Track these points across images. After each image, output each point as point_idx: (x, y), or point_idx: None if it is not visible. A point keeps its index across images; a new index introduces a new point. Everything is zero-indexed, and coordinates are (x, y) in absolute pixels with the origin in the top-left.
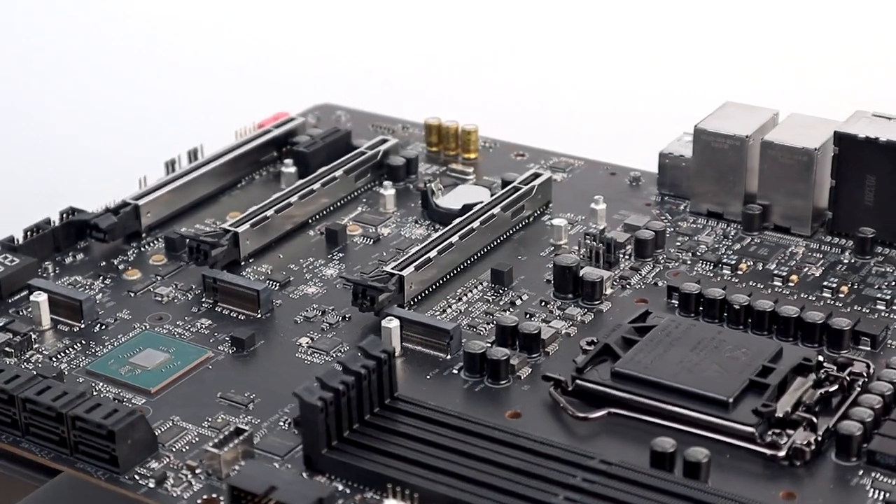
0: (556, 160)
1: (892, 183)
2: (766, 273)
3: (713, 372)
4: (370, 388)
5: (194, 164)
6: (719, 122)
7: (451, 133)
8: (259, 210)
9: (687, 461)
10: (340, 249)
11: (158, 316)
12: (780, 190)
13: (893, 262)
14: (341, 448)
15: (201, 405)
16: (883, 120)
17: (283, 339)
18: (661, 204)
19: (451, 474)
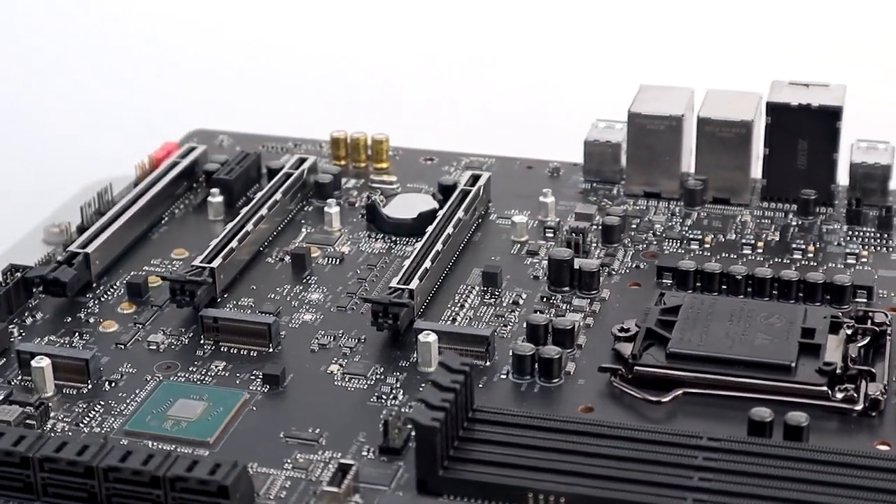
0: (468, 160)
1: (823, 145)
2: (731, 243)
3: (762, 340)
4: (457, 403)
5: (122, 205)
6: (649, 104)
7: (360, 144)
8: (222, 242)
9: (789, 425)
10: (310, 273)
11: (166, 365)
12: (718, 163)
13: (835, 219)
14: (454, 467)
15: (270, 448)
16: (801, 87)
17: (311, 369)
18: (592, 191)
19: (583, 475)
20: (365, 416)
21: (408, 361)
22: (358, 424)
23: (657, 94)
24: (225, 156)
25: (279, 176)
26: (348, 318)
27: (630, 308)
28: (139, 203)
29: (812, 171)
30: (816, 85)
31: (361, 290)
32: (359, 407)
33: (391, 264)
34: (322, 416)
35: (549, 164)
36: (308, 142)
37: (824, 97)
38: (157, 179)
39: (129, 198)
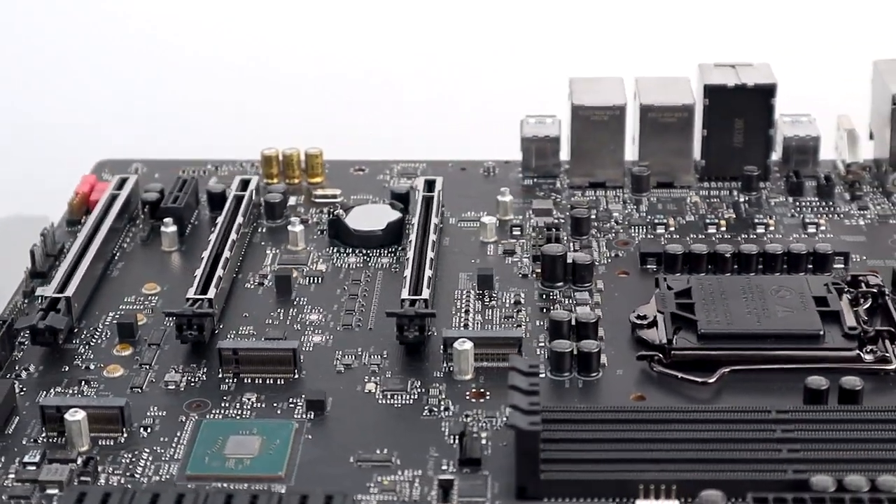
0: (399, 167)
1: (758, 122)
2: (695, 224)
3: (783, 313)
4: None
5: (80, 244)
6: (589, 96)
7: (294, 160)
8: (206, 271)
9: (844, 389)
10: (298, 294)
11: (195, 404)
12: (661, 148)
13: (778, 191)
14: (552, 469)
15: (346, 473)
16: (728, 68)
17: (347, 390)
18: (537, 186)
19: (683, 461)
20: (426, 431)
21: (441, 371)
22: (423, 440)
23: (591, 86)
24: (160, 184)
25: (231, 199)
26: (360, 336)
27: (630, 296)
28: (96, 241)
29: (748, 148)
30: (742, 65)
31: (359, 305)
32: (414, 422)
33: (376, 277)
34: (380, 436)
35: (482, 163)
36: (227, 163)
37: (756, 76)
38: (103, 215)
39: (84, 236)
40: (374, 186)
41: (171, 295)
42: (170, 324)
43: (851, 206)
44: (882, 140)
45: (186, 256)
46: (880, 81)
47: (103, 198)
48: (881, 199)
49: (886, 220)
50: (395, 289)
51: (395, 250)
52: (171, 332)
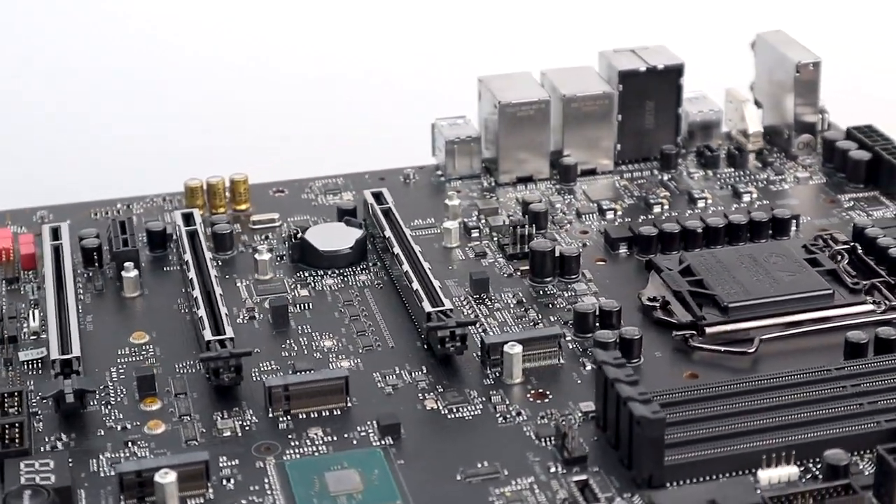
0: (320, 184)
1: (667, 102)
2: (637, 206)
3: (788, 276)
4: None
5: (52, 301)
6: (510, 93)
7: (219, 189)
8: (205, 311)
9: (882, 339)
10: (297, 323)
11: (264, 447)
12: (584, 137)
13: (693, 167)
14: (673, 454)
15: (463, 492)
16: (628, 53)
17: (408, 410)
18: (466, 187)
19: (792, 426)
20: (513, 438)
21: (490, 378)
22: (516, 447)
23: (506, 83)
24: (94, 229)
25: (184, 235)
26: (387, 355)
27: (622, 281)
28: (69, 295)
29: (659, 128)
30: (640, 49)
31: (368, 326)
32: (495, 431)
33: (364, 296)
34: (471, 449)
35: (400, 171)
36: (138, 199)
37: (661, 58)
38: (58, 267)
39: (52, 292)
40: (302, 207)
41: (167, 342)
42: (189, 370)
43: (767, 172)
44: (777, 107)
45: (150, 300)
46: (770, 52)
47: (45, 251)
48: (790, 163)
49: (807, 182)
50: (393, 304)
51: (367, 267)
52: (193, 379)
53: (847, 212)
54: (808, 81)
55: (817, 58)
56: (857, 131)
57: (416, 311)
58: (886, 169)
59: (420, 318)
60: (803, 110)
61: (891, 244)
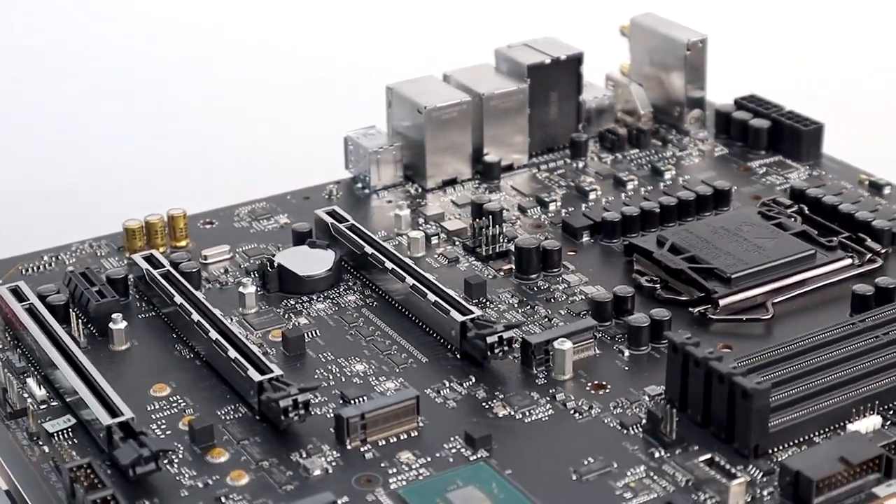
0: (249, 208)
1: (570, 91)
2: (574, 195)
3: (769, 242)
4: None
5: (62, 365)
6: (431, 97)
7: (159, 227)
8: (226, 356)
9: (881, 288)
10: (315, 351)
11: (364, 479)
12: (502, 134)
13: (606, 150)
14: (776, 419)
15: (593, 493)
16: (522, 46)
17: (483, 421)
18: (423, 191)
19: (867, 375)
20: (601, 432)
21: (543, 378)
22: (607, 439)
23: (417, 88)
24: (51, 284)
25: (160, 278)
26: (427, 370)
27: (602, 267)
28: (79, 356)
29: (563, 117)
30: (533, 42)
31: (388, 345)
32: (578, 427)
33: (364, 315)
34: (567, 448)
35: (323, 188)
36: (62, 249)
37: (559, 49)
38: (46, 328)
39: (58, 357)
40: (245, 235)
41: (193, 391)
42: (234, 415)
43: (672, 149)
44: (661, 86)
45: (144, 350)
46: (649, 34)
47: (20, 313)
48: (686, 138)
49: (712, 154)
50: (400, 320)
51: (350, 287)
52: (244, 423)
53: (764, 178)
54: (696, 58)
55: (703, 35)
56: (745, 101)
57: (435, 323)
58: (788, 134)
59: (442, 329)
60: (692, 87)
61: (836, 202)
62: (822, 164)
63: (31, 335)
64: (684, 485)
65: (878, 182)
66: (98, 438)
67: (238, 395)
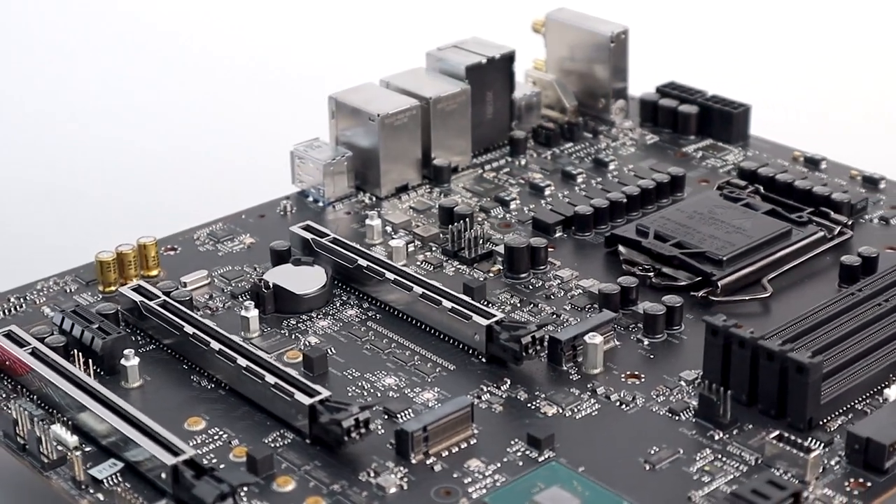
0: (207, 231)
1: (502, 89)
2: (528, 193)
3: (746, 223)
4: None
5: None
6: (381, 103)
7: (130, 258)
8: (262, 382)
9: (865, 257)
10: (337, 369)
11: (443, 490)
12: (446, 136)
13: (542, 145)
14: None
15: (673, 480)
16: (455, 49)
17: (535, 422)
18: (352, 209)
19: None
20: (652, 420)
21: (577, 374)
22: (661, 427)
23: (364, 96)
24: (42, 326)
25: (160, 310)
26: (458, 377)
27: (585, 260)
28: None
29: (497, 116)
30: (462, 43)
31: (409, 356)
32: (629, 418)
33: (373, 329)
34: (627, 440)
35: (275, 204)
36: (26, 288)
37: (490, 49)
38: (62, 371)
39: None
40: (215, 258)
41: (230, 421)
42: (283, 441)
43: (605, 141)
44: (583, 79)
45: (158, 385)
46: (567, 29)
47: (25, 358)
48: (613, 129)
49: (644, 142)
50: (410, 330)
51: (345, 301)
52: (298, 448)
53: (703, 161)
54: (619, 50)
55: (625, 27)
56: (667, 88)
57: (452, 329)
58: (717, 117)
59: (461, 335)
60: (615, 78)
61: (790, 179)
62: (753, 145)
63: (45, 379)
64: (754, 463)
65: (814, 157)
66: (157, 479)
67: (280, 421)
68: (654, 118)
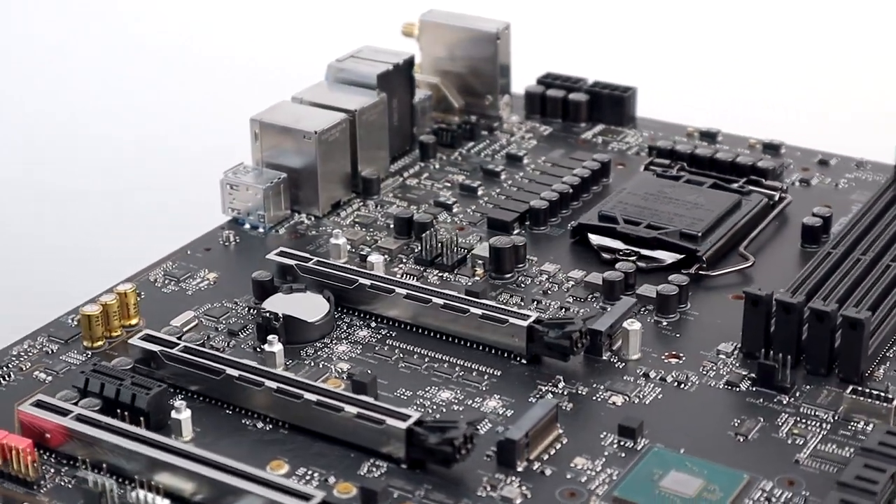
0: (160, 272)
1: (404, 95)
2: (463, 194)
3: (699, 198)
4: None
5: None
6: (311, 120)
7: (114, 308)
8: (340, 413)
9: (823, 217)
10: (385, 391)
11: (568, 492)
12: (371, 147)
13: (446, 146)
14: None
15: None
16: (354, 59)
17: (610, 415)
18: (295, 231)
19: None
20: (718, 396)
21: (619, 362)
22: (728, 401)
23: (288, 115)
24: (65, 392)
25: (190, 357)
26: (512, 382)
27: (557, 252)
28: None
29: (401, 123)
30: (357, 51)
31: (448, 367)
32: (692, 397)
33: (398, 346)
34: (703, 419)
35: (214, 235)
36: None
37: (389, 56)
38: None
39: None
40: (184, 299)
41: (313, 458)
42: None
43: (504, 136)
44: (465, 78)
45: (210, 434)
46: (445, 30)
47: (73, 425)
48: (505, 124)
49: (541, 134)
50: (434, 342)
51: (351, 323)
52: (400, 476)
53: (607, 146)
54: (504, 46)
55: (507, 23)
56: (547, 79)
57: (482, 335)
58: (607, 102)
59: (492, 339)
60: (501, 73)
61: (709, 153)
62: (644, 125)
63: (107, 444)
64: (833, 420)
65: (709, 131)
66: None
67: (363, 450)
68: (542, 110)
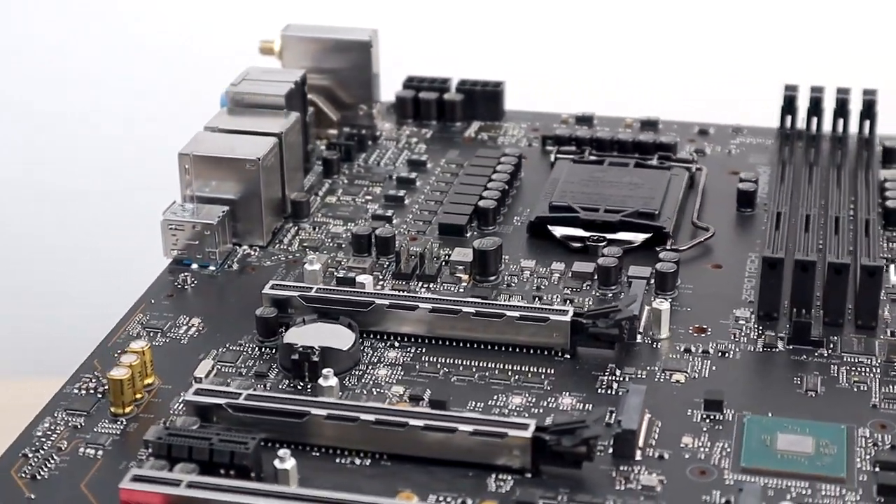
0: (137, 326)
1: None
2: (390, 205)
3: (635, 178)
4: None
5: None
6: (245, 147)
7: (138, 370)
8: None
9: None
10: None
11: (699, 470)
12: (291, 169)
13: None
14: None
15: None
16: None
17: (682, 394)
18: (248, 265)
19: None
20: (761, 359)
21: (653, 342)
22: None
23: (215, 145)
24: (150, 462)
25: (256, 405)
26: (566, 378)
27: (525, 249)
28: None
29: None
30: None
31: (497, 374)
32: (741, 364)
33: (439, 362)
34: (762, 383)
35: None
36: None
37: (280, 75)
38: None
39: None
40: (177, 349)
41: (430, 483)
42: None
43: (390, 144)
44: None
45: (311, 479)
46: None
47: (185, 493)
48: (385, 132)
49: (425, 137)
50: (470, 353)
51: (372, 345)
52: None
53: (498, 141)
54: (375, 54)
55: (374, 29)
56: (413, 84)
57: (518, 336)
58: (481, 99)
59: (530, 338)
60: (373, 81)
61: (609, 135)
62: (517, 118)
63: None
64: (879, 363)
65: (585, 115)
66: None
67: (480, 466)
68: (416, 114)
